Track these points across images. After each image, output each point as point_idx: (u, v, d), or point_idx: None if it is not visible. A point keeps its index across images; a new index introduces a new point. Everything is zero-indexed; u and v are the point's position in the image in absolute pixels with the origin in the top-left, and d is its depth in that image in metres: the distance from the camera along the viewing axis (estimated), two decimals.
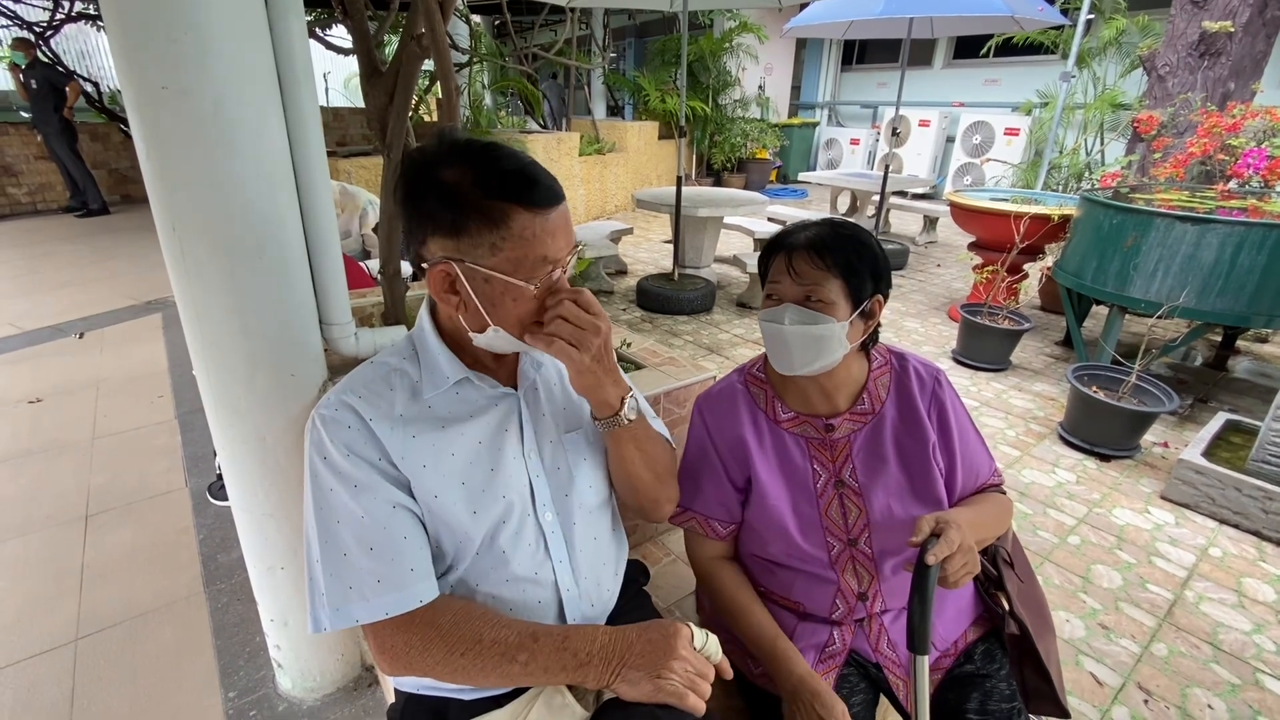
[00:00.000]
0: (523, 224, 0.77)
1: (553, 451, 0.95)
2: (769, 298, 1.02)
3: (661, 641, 0.82)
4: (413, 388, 0.88)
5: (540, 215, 0.78)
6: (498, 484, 0.88)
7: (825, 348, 0.97)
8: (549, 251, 0.79)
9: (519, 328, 0.82)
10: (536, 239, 0.78)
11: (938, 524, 0.85)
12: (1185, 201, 3.41)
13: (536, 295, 0.81)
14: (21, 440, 2.78)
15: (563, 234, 0.81)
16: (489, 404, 0.91)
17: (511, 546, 0.89)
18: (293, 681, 1.60)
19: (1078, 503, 2.47)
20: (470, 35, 6.83)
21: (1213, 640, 1.83)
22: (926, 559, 0.82)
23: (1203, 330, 3.08)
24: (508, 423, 0.92)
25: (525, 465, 0.92)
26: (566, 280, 0.84)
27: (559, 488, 0.95)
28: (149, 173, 1.09)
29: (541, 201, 0.78)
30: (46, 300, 4.59)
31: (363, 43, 1.45)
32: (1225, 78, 4.56)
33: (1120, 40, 6.56)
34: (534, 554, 0.91)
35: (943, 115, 9.21)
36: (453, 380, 0.88)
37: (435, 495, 0.84)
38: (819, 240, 0.97)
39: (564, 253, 0.82)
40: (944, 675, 1.03)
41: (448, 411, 0.88)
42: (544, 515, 0.93)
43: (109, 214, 7.54)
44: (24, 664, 1.69)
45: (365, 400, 0.84)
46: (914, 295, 5.15)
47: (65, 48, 8.74)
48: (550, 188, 0.79)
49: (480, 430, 0.89)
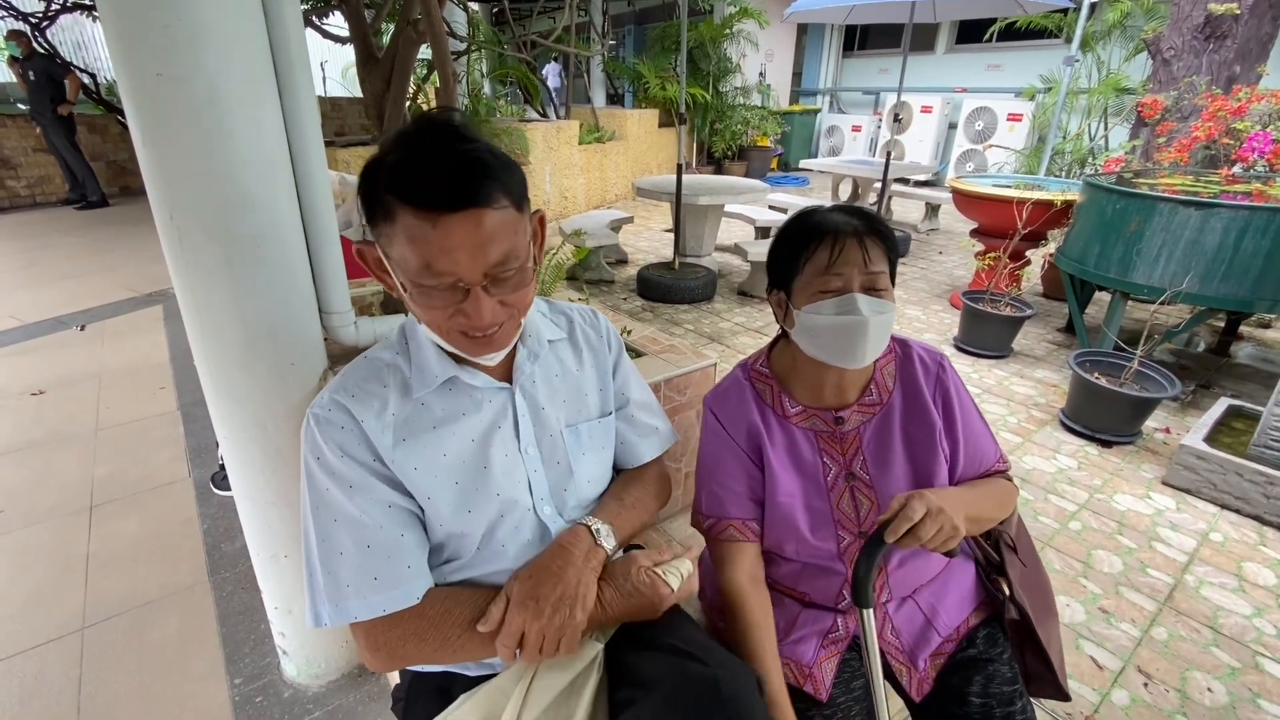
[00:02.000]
0: (408, 224, 0.69)
1: (551, 445, 0.93)
2: (825, 288, 0.94)
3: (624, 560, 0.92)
4: (404, 384, 0.86)
5: (427, 219, 0.68)
6: (492, 482, 0.86)
7: (888, 335, 0.97)
8: (435, 262, 0.69)
9: (438, 333, 0.78)
10: (423, 243, 0.69)
11: (905, 500, 0.85)
12: (1189, 186, 3.39)
13: (438, 308, 0.74)
14: (25, 432, 2.79)
15: (465, 249, 0.69)
16: (482, 400, 0.88)
17: (510, 539, 0.88)
18: (298, 668, 1.61)
19: (1079, 489, 2.47)
20: (468, 23, 6.78)
21: (1213, 624, 1.83)
22: (885, 536, 0.83)
23: (1206, 316, 3.06)
24: (502, 419, 0.89)
25: (523, 460, 0.90)
26: (482, 310, 0.73)
27: (557, 482, 0.94)
28: (145, 161, 1.08)
29: (430, 203, 0.68)
30: (47, 293, 4.59)
31: (359, 28, 1.44)
32: (1231, 61, 4.52)
33: (1125, 23, 6.50)
34: (533, 547, 0.90)
35: (945, 101, 9.14)
36: (441, 379, 0.85)
37: (429, 497, 0.83)
38: (871, 223, 0.96)
39: (466, 271, 0.70)
40: (947, 660, 1.04)
41: (440, 410, 0.86)
42: (543, 509, 0.91)
43: (108, 206, 7.54)
44: (31, 652, 1.71)
45: (358, 400, 0.82)
46: (916, 283, 5.14)
47: (61, 39, 8.68)
48: (450, 189, 0.68)
49: (473, 428, 0.87)
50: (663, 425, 1.13)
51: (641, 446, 1.08)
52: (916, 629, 1.05)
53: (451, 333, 0.77)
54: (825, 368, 0.99)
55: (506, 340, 0.81)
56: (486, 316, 0.74)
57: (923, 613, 1.06)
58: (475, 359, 0.83)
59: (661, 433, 1.12)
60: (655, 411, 1.13)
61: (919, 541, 0.83)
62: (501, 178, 0.72)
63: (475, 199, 0.69)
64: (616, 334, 1.09)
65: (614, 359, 1.06)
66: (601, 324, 1.08)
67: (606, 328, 1.08)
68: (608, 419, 1.02)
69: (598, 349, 1.03)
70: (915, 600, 1.07)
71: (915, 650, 1.03)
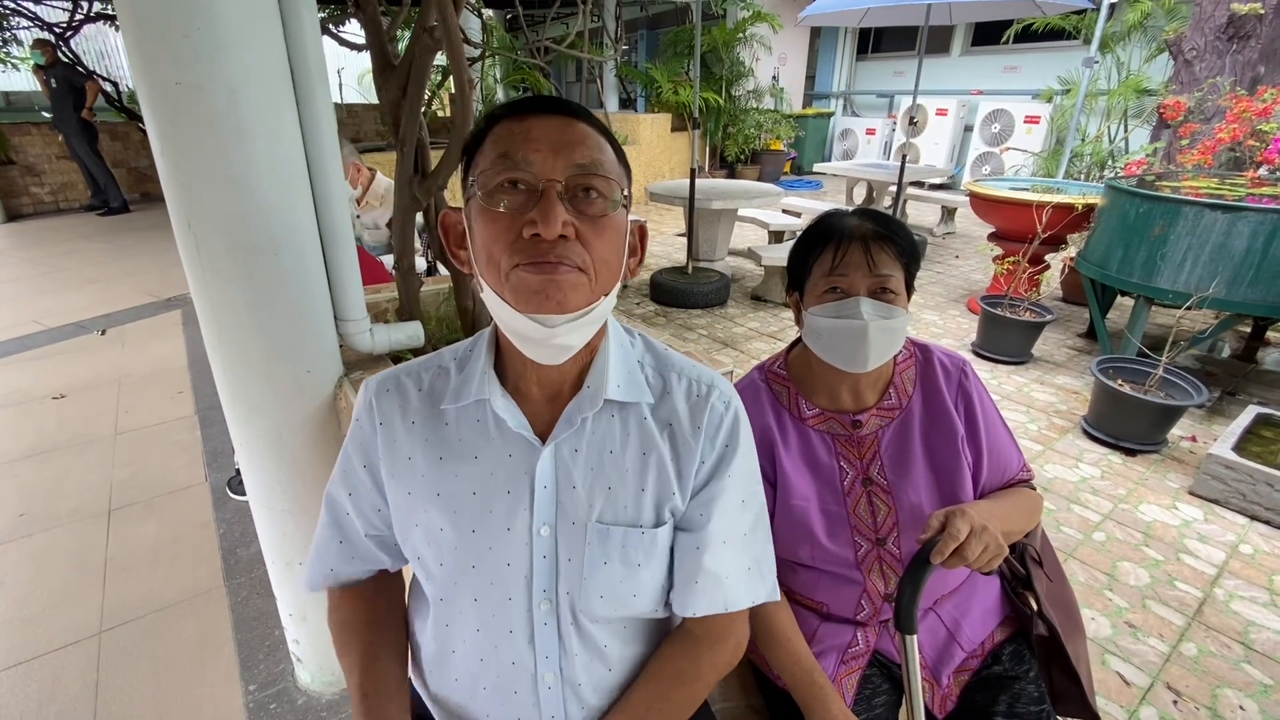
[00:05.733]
0: (496, 132, 0.64)
1: (571, 535, 0.71)
2: (831, 291, 0.95)
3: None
4: (441, 391, 0.75)
5: (520, 120, 0.63)
6: (476, 549, 0.72)
7: (896, 340, 0.95)
8: (514, 150, 0.61)
9: (492, 273, 0.64)
10: (506, 138, 0.63)
11: (945, 518, 0.82)
12: (1214, 189, 3.32)
13: (504, 219, 0.62)
14: (46, 436, 2.83)
15: (549, 142, 0.62)
16: (501, 446, 0.72)
17: (485, 624, 0.74)
18: (311, 675, 1.61)
19: (1103, 498, 2.42)
20: (482, 29, 6.82)
21: (1244, 639, 1.78)
22: (931, 557, 0.80)
23: (1232, 321, 3.00)
24: (516, 483, 0.71)
25: (530, 540, 0.71)
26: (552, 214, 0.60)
27: (566, 581, 0.72)
28: (164, 169, 1.09)
29: (529, 109, 0.64)
30: (69, 297, 4.67)
31: (376, 36, 1.44)
32: (1255, 61, 4.44)
33: (1145, 24, 6.41)
34: (514, 645, 0.74)
35: (961, 104, 9.06)
36: (473, 398, 0.72)
37: (415, 525, 0.74)
38: (882, 228, 0.94)
39: (545, 164, 0.61)
40: (971, 676, 1.01)
41: (457, 436, 0.73)
42: (538, 605, 0.72)
43: (129, 212, 7.65)
44: (49, 656, 1.72)
45: (391, 397, 0.76)
46: (932, 287, 5.08)
47: (85, 48, 8.86)
48: (549, 101, 0.65)
49: (477, 477, 0.72)
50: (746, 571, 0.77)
51: (694, 593, 0.74)
52: (939, 643, 1.02)
53: (513, 265, 0.61)
54: (839, 370, 0.98)
55: (574, 295, 0.62)
56: (555, 223, 0.59)
57: (945, 626, 1.03)
58: (534, 314, 0.62)
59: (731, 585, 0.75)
60: (742, 552, 0.77)
61: (964, 562, 0.80)
62: (602, 129, 0.67)
63: (565, 109, 0.65)
64: (734, 429, 0.76)
65: (707, 470, 0.75)
66: (710, 410, 0.75)
67: (718, 417, 0.75)
68: (662, 530, 0.73)
69: (684, 443, 0.74)
70: (937, 613, 1.04)
71: (938, 666, 1.00)
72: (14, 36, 7.76)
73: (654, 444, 0.73)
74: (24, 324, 4.12)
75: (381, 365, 1.48)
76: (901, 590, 0.84)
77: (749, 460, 0.78)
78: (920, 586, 0.82)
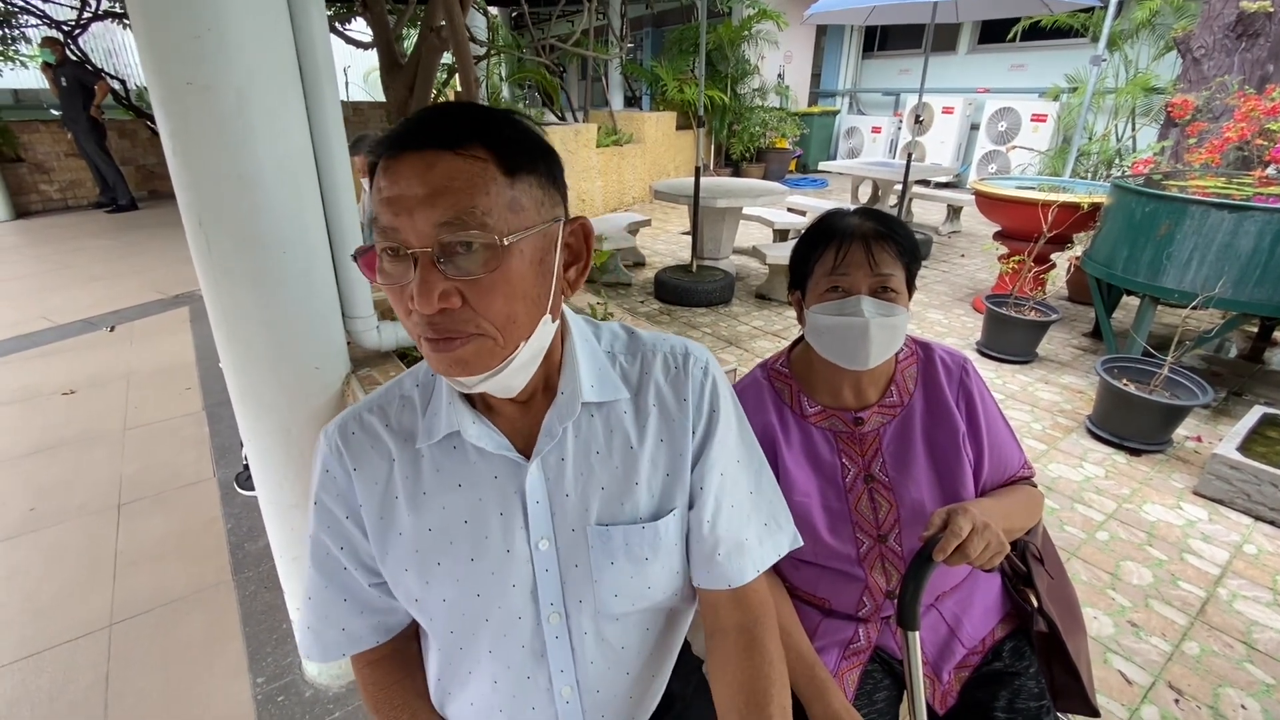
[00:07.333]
0: (379, 174, 0.57)
1: (571, 542, 0.70)
2: (832, 289, 0.96)
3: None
4: (410, 429, 0.71)
5: (393, 160, 0.55)
6: (478, 576, 0.69)
7: (897, 338, 0.97)
8: (380, 210, 0.56)
9: (412, 336, 0.60)
10: (377, 194, 0.56)
11: (948, 516, 0.83)
12: (1221, 188, 3.30)
13: (393, 288, 0.57)
14: (56, 431, 2.86)
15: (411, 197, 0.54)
16: (485, 471, 0.69)
17: (496, 645, 0.72)
18: (319, 668, 1.63)
19: (1106, 498, 2.42)
20: (488, 27, 6.84)
21: (1247, 639, 1.78)
22: (934, 555, 0.81)
23: (1239, 321, 2.99)
24: (506, 503, 0.69)
25: (531, 556, 0.70)
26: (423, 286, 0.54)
27: (573, 591, 0.71)
28: (175, 168, 1.10)
29: (396, 145, 0.55)
30: (78, 294, 4.70)
31: (383, 35, 1.46)
32: (1264, 60, 4.40)
33: (1153, 22, 6.36)
34: (527, 662, 0.72)
35: (967, 102, 9.01)
36: (443, 433, 0.69)
37: (405, 569, 0.70)
38: (884, 227, 0.95)
39: (409, 227, 0.54)
40: (972, 673, 1.02)
41: (435, 469, 0.70)
42: (548, 619, 0.71)
43: (137, 209, 7.70)
44: (60, 648, 1.74)
45: (359, 439, 0.71)
46: (937, 286, 5.07)
47: (93, 46, 8.90)
48: (416, 128, 0.56)
49: (466, 505, 0.69)
50: (764, 528, 0.78)
51: (717, 565, 0.74)
52: (940, 639, 1.03)
53: (418, 335, 0.59)
54: (841, 368, 1.00)
55: (478, 360, 0.59)
56: (431, 299, 0.54)
57: (946, 622, 1.04)
58: (451, 380, 0.62)
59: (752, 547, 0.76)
60: (755, 511, 0.78)
61: (966, 559, 0.81)
62: (488, 129, 0.56)
63: (436, 139, 0.54)
64: (715, 391, 0.75)
65: (699, 439, 0.74)
66: (690, 378, 0.74)
67: (699, 384, 0.74)
68: (663, 522, 0.72)
69: (673, 419, 0.73)
70: (938, 609, 1.05)
71: (939, 662, 1.01)
72: (22, 34, 7.82)
73: (642, 435, 0.72)
74: (33, 320, 4.16)
75: (389, 361, 1.49)
76: (904, 587, 0.85)
77: (737, 417, 0.78)
78: (923, 583, 0.83)
